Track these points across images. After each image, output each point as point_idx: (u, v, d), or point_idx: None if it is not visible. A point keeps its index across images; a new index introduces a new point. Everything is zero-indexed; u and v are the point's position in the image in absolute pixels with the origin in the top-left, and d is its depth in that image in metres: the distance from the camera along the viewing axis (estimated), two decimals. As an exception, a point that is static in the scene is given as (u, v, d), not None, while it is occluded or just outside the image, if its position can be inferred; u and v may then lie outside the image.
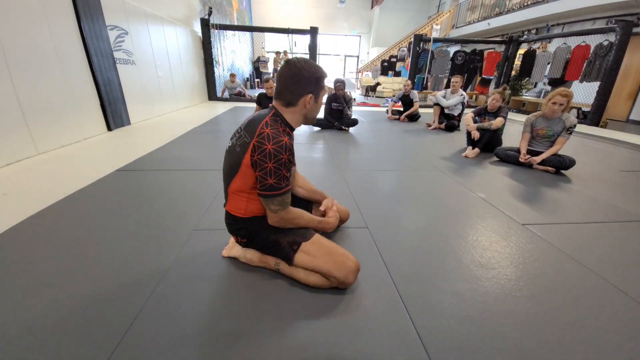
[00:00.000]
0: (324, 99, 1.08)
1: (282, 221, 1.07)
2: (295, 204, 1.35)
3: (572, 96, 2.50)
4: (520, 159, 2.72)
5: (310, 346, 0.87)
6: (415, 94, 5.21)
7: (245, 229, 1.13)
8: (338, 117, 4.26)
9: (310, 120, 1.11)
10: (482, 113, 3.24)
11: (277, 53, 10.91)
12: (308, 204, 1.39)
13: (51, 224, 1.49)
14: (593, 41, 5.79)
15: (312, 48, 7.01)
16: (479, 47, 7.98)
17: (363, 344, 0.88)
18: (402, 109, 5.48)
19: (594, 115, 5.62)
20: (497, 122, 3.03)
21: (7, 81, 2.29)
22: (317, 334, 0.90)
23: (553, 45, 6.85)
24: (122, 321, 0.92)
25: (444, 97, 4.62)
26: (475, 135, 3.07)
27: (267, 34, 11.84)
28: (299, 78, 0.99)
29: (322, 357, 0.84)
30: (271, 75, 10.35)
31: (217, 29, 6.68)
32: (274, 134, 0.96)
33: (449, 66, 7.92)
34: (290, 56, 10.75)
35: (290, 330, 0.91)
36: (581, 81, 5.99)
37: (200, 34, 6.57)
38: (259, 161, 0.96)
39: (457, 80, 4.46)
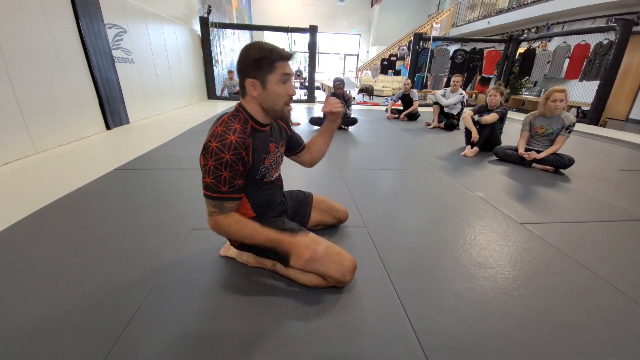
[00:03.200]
0: (282, 82, 0.92)
1: (216, 226, 0.95)
2: (289, 207, 1.32)
3: (567, 92, 2.51)
4: (520, 154, 2.72)
5: (307, 346, 0.87)
6: (415, 93, 5.20)
7: None
8: (337, 116, 4.24)
9: (274, 113, 0.96)
10: (482, 111, 3.23)
11: None
12: (306, 203, 1.37)
13: (49, 223, 1.49)
14: (593, 40, 5.78)
15: (312, 47, 6.99)
16: (479, 45, 7.97)
17: (360, 343, 0.88)
18: (401, 107, 5.47)
19: (594, 114, 5.62)
20: (487, 117, 3.00)
21: (6, 80, 2.28)
22: (314, 334, 0.90)
23: (553, 44, 6.85)
24: (120, 320, 0.92)
25: (444, 96, 4.61)
26: (475, 138, 3.07)
27: (266, 33, 11.78)
28: (240, 62, 0.91)
29: (319, 356, 0.84)
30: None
31: (216, 27, 6.66)
32: (222, 132, 0.89)
33: (449, 65, 7.91)
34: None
35: (288, 330, 0.91)
36: (581, 80, 5.99)
37: (199, 32, 6.55)
38: (202, 158, 0.90)
39: (457, 79, 4.45)
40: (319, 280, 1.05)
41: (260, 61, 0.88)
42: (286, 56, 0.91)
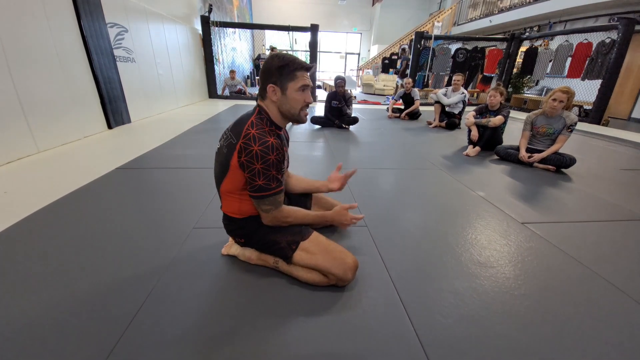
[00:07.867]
0: (300, 90, 0.99)
1: (275, 220, 1.07)
2: (292, 202, 1.35)
3: (573, 94, 2.49)
4: (519, 157, 2.72)
5: (308, 344, 0.87)
6: (416, 92, 5.19)
7: (242, 229, 1.14)
8: (338, 115, 4.25)
9: (291, 116, 1.03)
10: (484, 111, 3.23)
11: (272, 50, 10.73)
12: (306, 198, 1.39)
13: (52, 222, 1.50)
14: (595, 39, 5.76)
15: (313, 45, 6.98)
16: (481, 44, 7.94)
17: (361, 341, 0.89)
18: (402, 107, 5.46)
19: (596, 113, 5.60)
20: (495, 120, 3.02)
21: (8, 79, 2.29)
22: (315, 332, 0.91)
23: (555, 43, 6.82)
24: (122, 318, 0.93)
25: (445, 95, 4.60)
26: (475, 136, 3.07)
27: (267, 32, 11.77)
28: (264, 68, 0.99)
29: (319, 354, 0.84)
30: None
31: (217, 26, 6.66)
32: (259, 135, 0.95)
33: (450, 64, 7.89)
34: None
35: (289, 328, 0.92)
36: (583, 79, 5.96)
37: (200, 31, 6.55)
38: (246, 163, 0.95)
39: (459, 78, 4.44)
40: (321, 277, 1.06)
41: (282, 69, 0.96)
42: (306, 67, 0.99)
